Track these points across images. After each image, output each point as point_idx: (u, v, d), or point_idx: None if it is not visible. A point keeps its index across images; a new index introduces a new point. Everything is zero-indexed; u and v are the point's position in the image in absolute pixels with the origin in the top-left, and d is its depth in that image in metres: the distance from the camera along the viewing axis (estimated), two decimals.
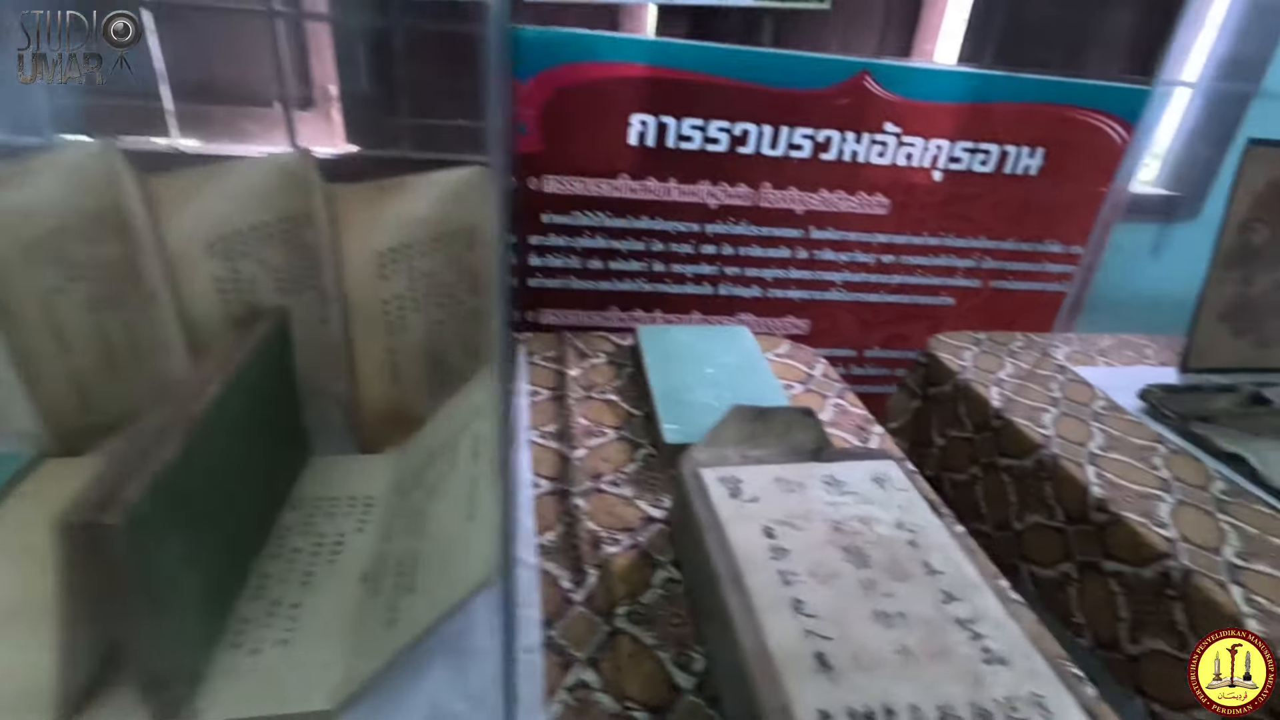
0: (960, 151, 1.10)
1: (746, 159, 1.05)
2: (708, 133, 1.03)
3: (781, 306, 1.18)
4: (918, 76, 1.04)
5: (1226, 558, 0.56)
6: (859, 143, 1.07)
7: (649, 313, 1.15)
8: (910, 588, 0.43)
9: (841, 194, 1.10)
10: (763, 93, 1.01)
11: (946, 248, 1.17)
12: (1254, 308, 0.90)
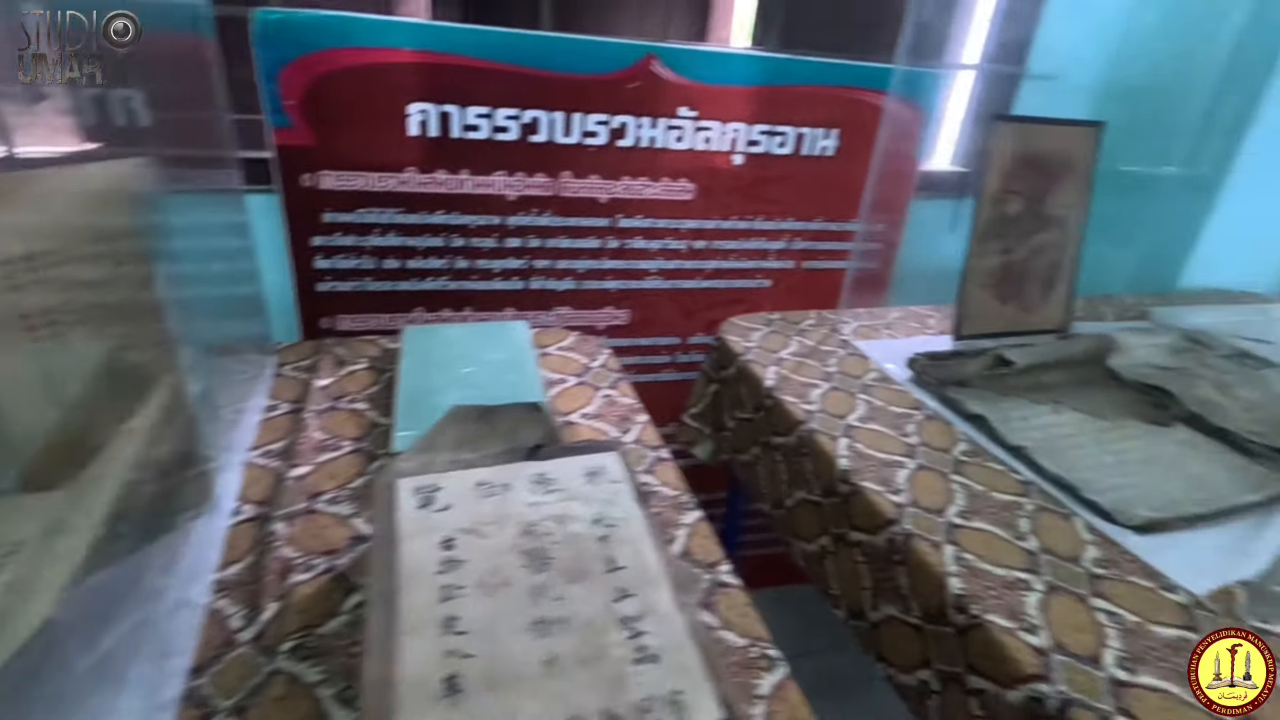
0: (758, 134, 1.11)
1: (541, 147, 1.02)
2: (495, 121, 0.98)
3: (599, 298, 1.16)
4: (707, 60, 1.04)
5: (948, 518, 0.58)
6: (655, 128, 1.06)
7: (459, 311, 1.10)
8: (584, 588, 0.41)
9: (645, 180, 1.09)
10: (548, 78, 0.98)
11: (757, 230, 1.19)
12: (1015, 275, 0.95)
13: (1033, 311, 0.99)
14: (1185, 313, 1.08)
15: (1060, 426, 0.73)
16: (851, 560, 0.62)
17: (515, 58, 0.95)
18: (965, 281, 0.92)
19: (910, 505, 0.59)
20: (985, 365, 0.79)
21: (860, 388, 0.79)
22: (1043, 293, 0.98)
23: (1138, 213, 1.29)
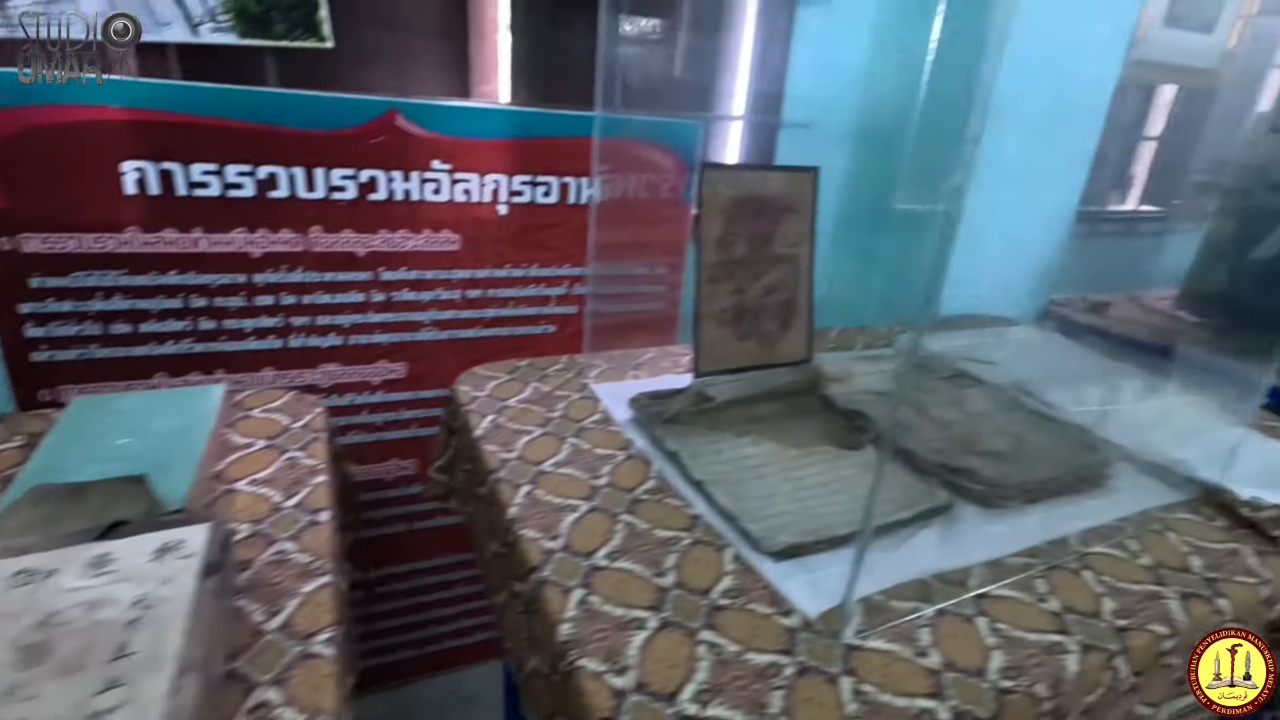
0: (520, 185, 1.13)
1: (284, 203, 1.00)
2: (226, 178, 0.96)
3: (370, 353, 1.13)
4: (455, 114, 1.05)
5: (594, 560, 0.58)
6: (408, 181, 1.06)
7: (210, 375, 1.04)
8: (70, 684, 0.38)
9: (405, 233, 1.08)
10: (283, 134, 0.97)
11: (534, 278, 1.20)
12: (751, 312, 1.00)
13: (774, 345, 1.03)
14: (928, 339, 1.16)
15: (752, 458, 0.75)
16: (515, 612, 0.61)
17: (244, 114, 0.93)
18: (700, 321, 0.95)
19: (561, 550, 0.59)
20: (690, 402, 0.81)
21: (575, 431, 0.79)
22: (781, 328, 1.03)
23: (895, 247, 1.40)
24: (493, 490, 0.68)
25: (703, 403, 0.81)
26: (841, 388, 0.93)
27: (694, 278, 0.93)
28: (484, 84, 1.18)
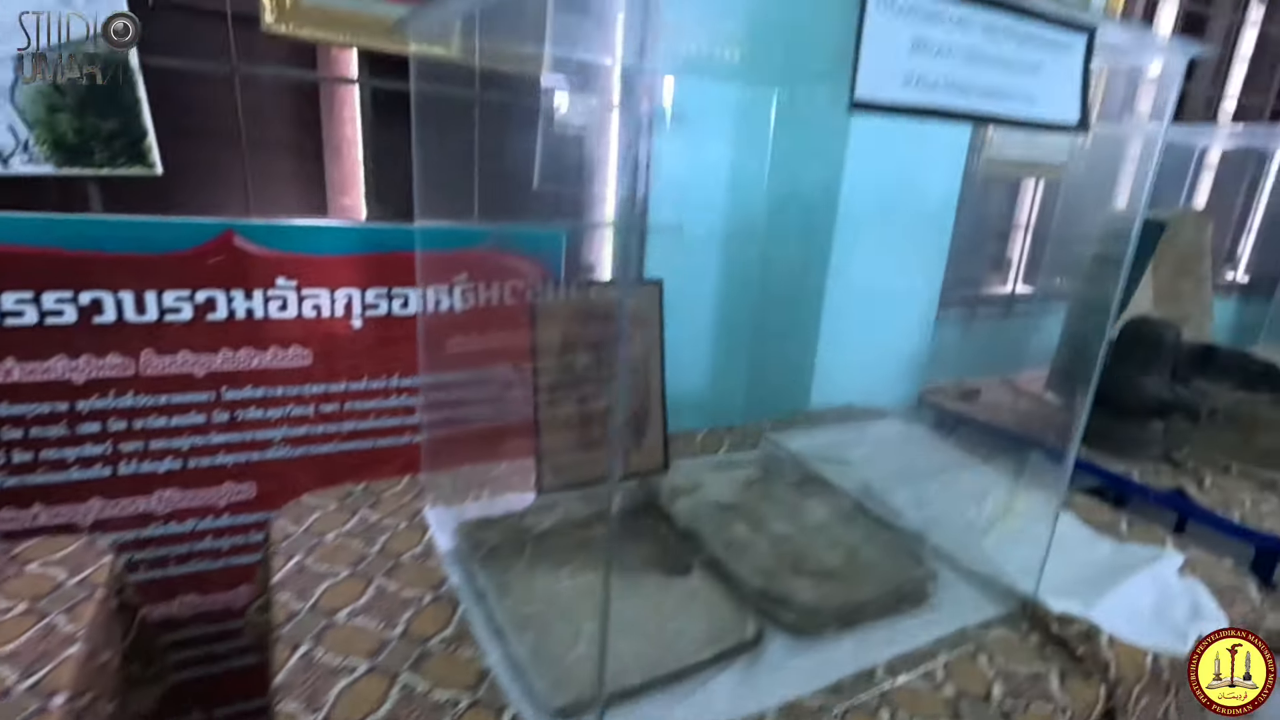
0: (374, 298, 1.12)
1: (111, 328, 0.96)
2: (43, 305, 0.92)
3: (214, 475, 1.08)
4: (302, 232, 1.05)
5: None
6: (250, 299, 1.04)
7: (27, 509, 0.97)
8: None
9: (250, 350, 1.05)
10: (110, 259, 0.94)
11: (394, 388, 1.17)
12: (598, 422, 0.99)
13: (628, 455, 1.02)
14: (790, 437, 1.16)
15: (567, 592, 0.72)
16: None
17: (60, 241, 0.91)
18: (541, 435, 0.94)
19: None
20: (511, 531, 0.79)
21: (389, 569, 0.76)
22: (635, 436, 1.03)
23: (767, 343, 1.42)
24: (271, 651, 0.64)
25: (525, 531, 0.78)
26: (687, 501, 0.92)
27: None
28: (343, 198, 1.19)
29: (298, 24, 0.95)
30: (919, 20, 0.40)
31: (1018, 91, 0.47)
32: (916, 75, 0.41)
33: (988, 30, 0.44)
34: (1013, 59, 0.46)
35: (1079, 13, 0.48)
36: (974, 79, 0.44)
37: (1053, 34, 0.47)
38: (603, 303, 0.98)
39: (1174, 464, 1.20)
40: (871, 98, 0.39)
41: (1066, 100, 0.49)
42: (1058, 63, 0.48)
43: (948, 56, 0.43)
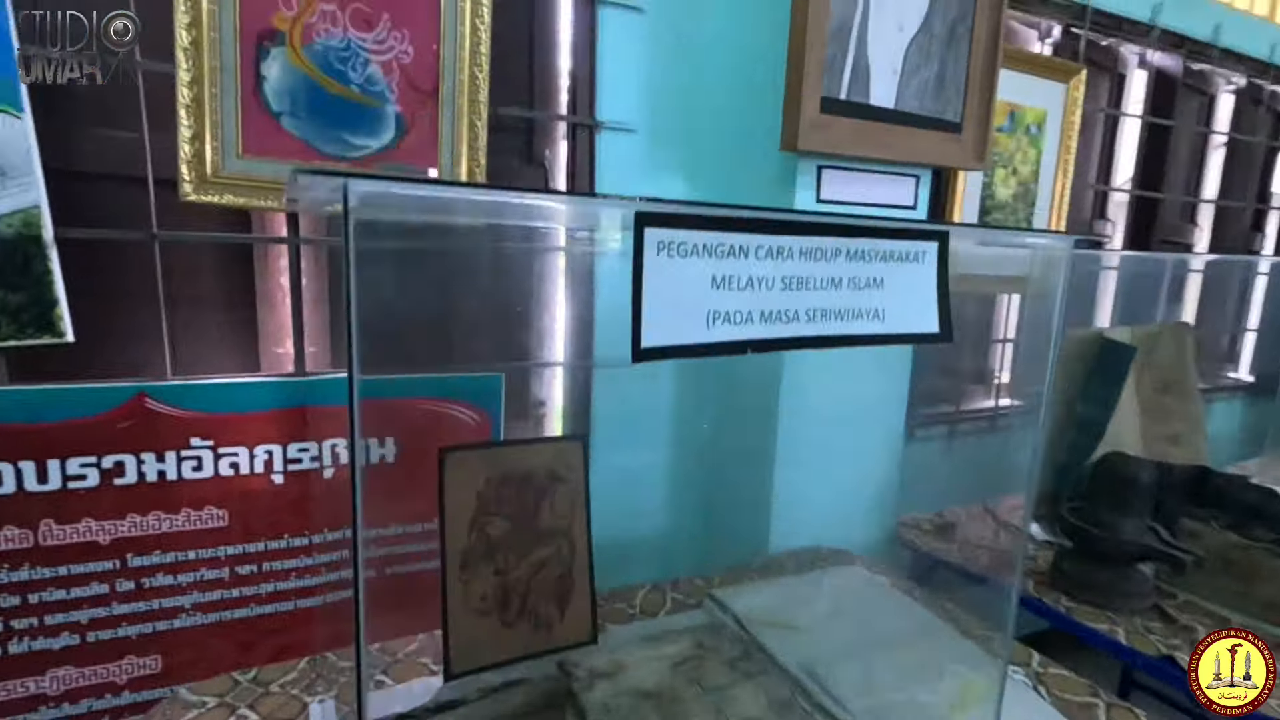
0: (296, 453, 1.08)
1: (8, 499, 0.92)
2: None
3: (115, 649, 1.01)
4: (219, 391, 1.02)
5: None
6: (162, 462, 1.00)
7: None
8: None
9: (160, 514, 1.01)
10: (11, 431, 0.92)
11: (318, 545, 1.11)
12: (519, 594, 0.92)
13: (550, 629, 0.94)
14: (737, 594, 1.07)
15: None
16: None
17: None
18: (449, 615, 0.87)
19: None
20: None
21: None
22: (560, 606, 0.95)
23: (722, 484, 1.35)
24: None
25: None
26: (607, 688, 0.83)
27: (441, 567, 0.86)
28: (275, 349, 1.17)
29: (218, 192, 0.96)
30: (716, 259, 0.37)
31: (864, 308, 0.43)
32: (724, 312, 0.38)
33: (810, 254, 0.40)
34: (853, 276, 0.42)
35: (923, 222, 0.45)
36: (801, 304, 0.40)
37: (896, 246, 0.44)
38: (523, 461, 0.93)
39: (1165, 618, 1.09)
40: (663, 343, 0.35)
41: (924, 310, 0.45)
42: (910, 273, 0.45)
43: (763, 288, 0.39)
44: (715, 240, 0.36)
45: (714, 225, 0.36)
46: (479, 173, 1.11)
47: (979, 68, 1.24)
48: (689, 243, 0.35)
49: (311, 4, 0.98)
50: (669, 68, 1.26)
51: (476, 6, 1.07)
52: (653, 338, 0.35)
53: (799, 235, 0.39)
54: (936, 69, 1.20)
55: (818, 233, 0.40)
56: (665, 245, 0.35)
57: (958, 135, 1.25)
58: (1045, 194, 1.77)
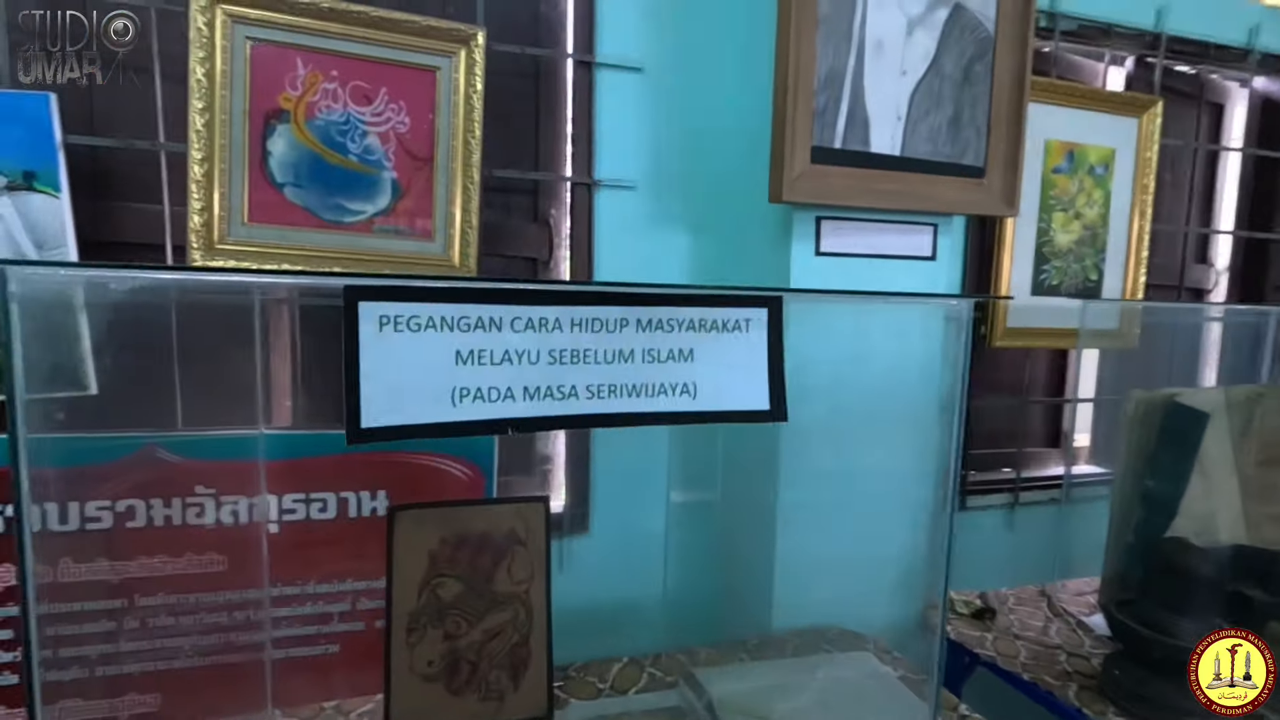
0: (291, 503, 1.12)
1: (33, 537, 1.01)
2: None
3: (117, 684, 1.07)
4: (223, 444, 1.09)
5: None
6: (169, 507, 1.07)
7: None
8: None
9: (164, 558, 1.07)
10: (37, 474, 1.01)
11: (310, 595, 1.14)
12: (468, 661, 0.89)
13: (502, 700, 0.90)
14: (719, 676, 0.99)
15: None
16: None
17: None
18: (394, 677, 0.85)
19: None
20: None
21: None
22: (513, 676, 0.91)
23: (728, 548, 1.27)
24: None
25: None
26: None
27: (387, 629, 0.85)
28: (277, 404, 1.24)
29: (223, 257, 1.04)
30: (460, 332, 0.34)
31: (667, 383, 0.39)
32: (474, 389, 0.35)
33: (585, 325, 0.37)
34: (650, 348, 0.38)
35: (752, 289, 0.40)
36: (579, 379, 0.37)
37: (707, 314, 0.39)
38: (481, 521, 0.91)
39: None
40: (391, 423, 0.33)
41: (750, 384, 0.40)
42: (731, 344, 0.40)
43: (525, 362, 0.36)
44: (457, 313, 0.34)
45: (452, 297, 0.33)
46: (470, 232, 1.14)
47: (1003, 107, 1.14)
48: (422, 315, 0.33)
49: (315, 83, 1.06)
50: (668, 123, 1.26)
51: (470, 76, 1.11)
52: (377, 417, 0.33)
53: (567, 305, 0.35)
54: (950, 111, 1.12)
55: (596, 302, 0.36)
56: (390, 319, 0.33)
57: (980, 180, 1.15)
58: (1118, 238, 1.59)
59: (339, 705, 0.94)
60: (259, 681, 1.11)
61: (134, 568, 1.06)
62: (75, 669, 1.05)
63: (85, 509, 1.03)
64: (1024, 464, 1.63)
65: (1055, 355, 1.73)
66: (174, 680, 1.08)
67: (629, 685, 1.00)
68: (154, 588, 1.07)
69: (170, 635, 1.08)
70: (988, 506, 1.57)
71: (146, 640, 1.07)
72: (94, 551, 1.04)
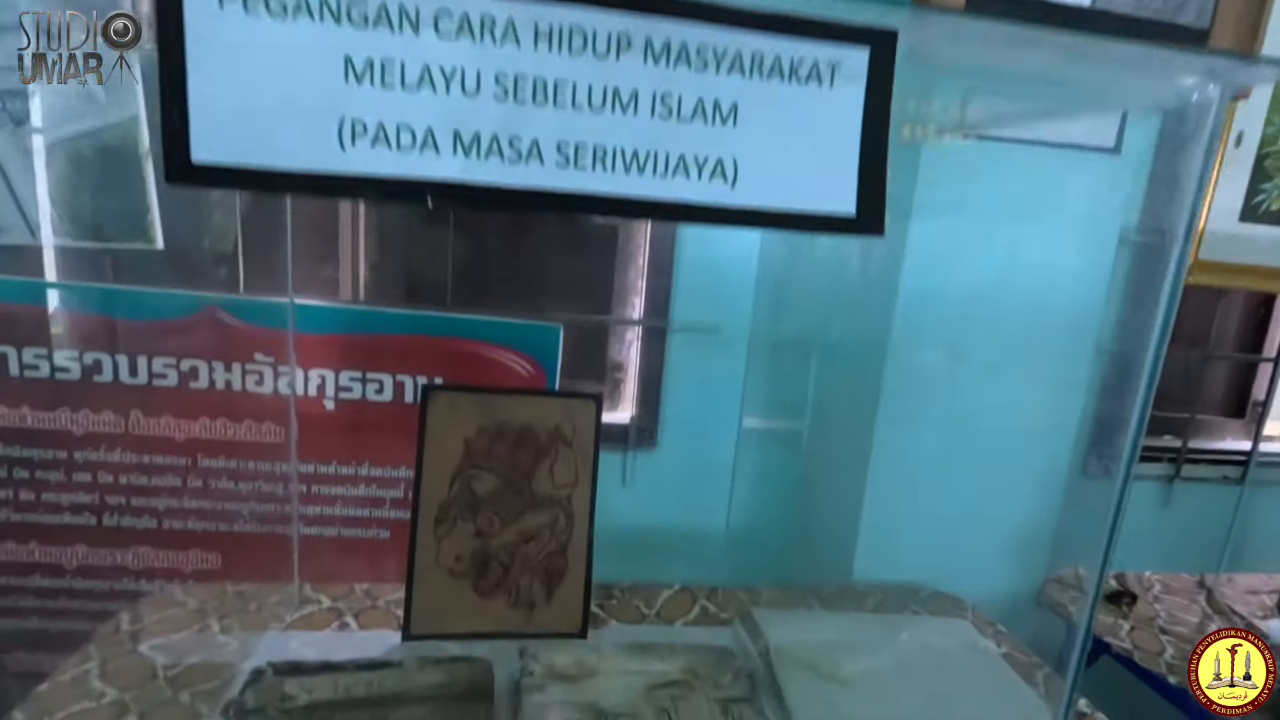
0: (349, 381, 1.08)
1: (107, 387, 1.03)
2: (55, 361, 1.01)
3: (183, 539, 1.09)
4: (283, 310, 1.05)
5: None
6: (230, 371, 1.05)
7: (24, 545, 1.06)
8: None
9: (226, 421, 1.06)
10: (111, 324, 1.01)
11: (364, 477, 1.11)
12: (499, 564, 0.81)
13: (534, 609, 0.82)
14: (782, 620, 0.86)
15: None
16: None
17: (72, 306, 1.00)
18: (415, 567, 0.78)
19: None
20: (274, 696, 0.63)
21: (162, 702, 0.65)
22: (547, 587, 0.82)
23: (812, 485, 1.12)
24: None
25: (284, 700, 0.63)
26: (556, 694, 0.69)
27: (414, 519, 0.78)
28: (345, 279, 1.19)
29: None
30: (353, 27, 0.21)
31: (690, 154, 0.24)
32: (371, 125, 0.22)
33: (563, 41, 0.23)
34: (666, 93, 0.24)
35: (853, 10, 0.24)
36: (548, 129, 0.23)
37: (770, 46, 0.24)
38: (524, 413, 0.81)
39: None
40: (238, 162, 0.21)
41: (827, 171, 0.24)
42: (801, 103, 0.24)
43: (461, 92, 0.22)
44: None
45: None
46: None
47: None
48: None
49: None
50: None
51: None
52: (214, 149, 0.21)
53: (538, 2, 0.21)
54: None
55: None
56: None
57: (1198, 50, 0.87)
58: None
59: (369, 589, 0.89)
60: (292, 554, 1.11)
61: (197, 428, 1.06)
62: (146, 518, 1.08)
63: (153, 365, 1.03)
64: (1194, 432, 1.34)
65: (1256, 302, 1.39)
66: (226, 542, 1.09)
67: (677, 615, 0.89)
68: (216, 450, 1.07)
69: (227, 499, 1.08)
70: (1139, 477, 1.30)
71: (208, 500, 1.08)
72: (161, 408, 1.05)
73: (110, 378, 1.03)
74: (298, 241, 1.16)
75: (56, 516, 1.06)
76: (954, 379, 0.99)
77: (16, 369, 1.00)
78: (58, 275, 1.01)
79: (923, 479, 1.01)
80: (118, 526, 1.07)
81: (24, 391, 1.01)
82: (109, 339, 1.02)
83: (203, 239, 1.11)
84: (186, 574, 1.10)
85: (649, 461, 1.18)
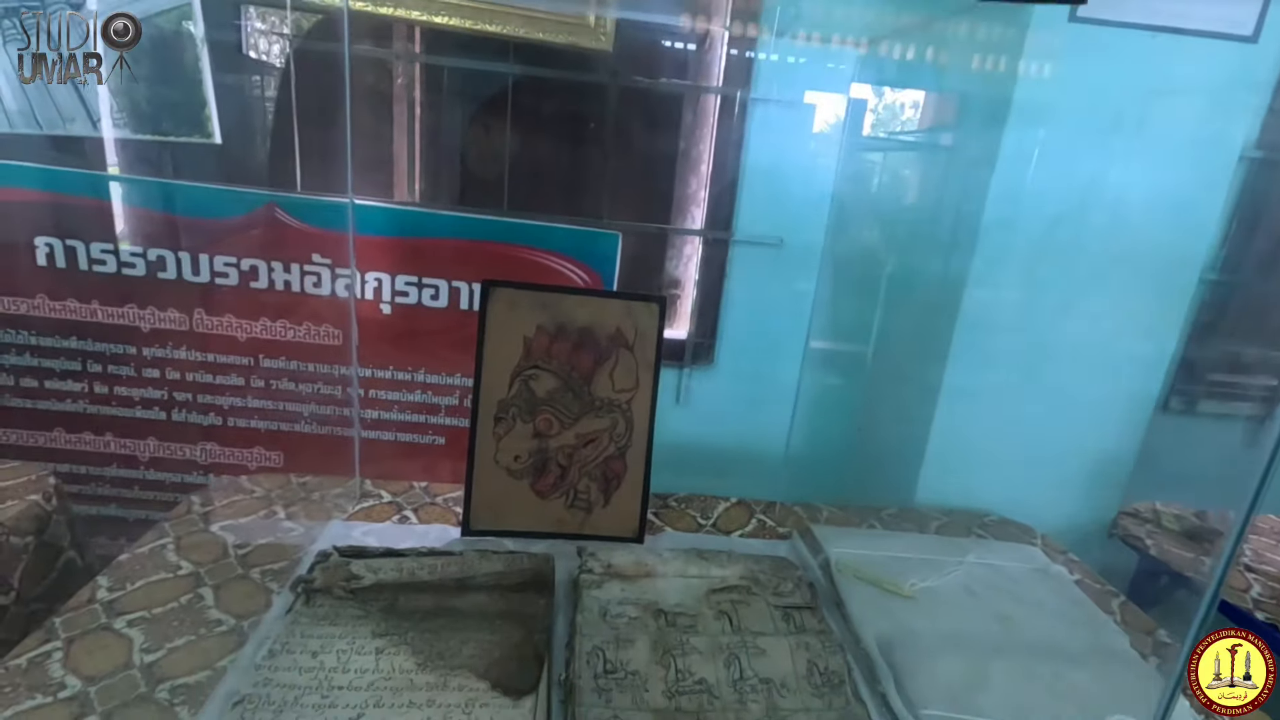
0: (405, 285, 1.06)
1: (171, 284, 1.04)
2: (121, 257, 1.02)
3: (247, 436, 1.12)
4: (340, 210, 1.03)
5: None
6: (289, 272, 1.05)
7: (100, 436, 1.10)
8: None
9: (286, 323, 1.07)
10: (172, 220, 1.01)
11: (420, 383, 1.11)
12: (557, 465, 0.80)
13: (590, 511, 0.81)
14: (844, 537, 0.84)
15: (353, 682, 0.56)
16: None
17: (134, 200, 1.00)
18: (477, 466, 0.78)
19: None
20: (340, 576, 0.64)
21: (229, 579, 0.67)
22: (605, 491, 0.81)
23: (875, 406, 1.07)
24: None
25: (351, 580, 0.63)
26: (614, 592, 0.69)
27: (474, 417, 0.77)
28: (401, 181, 1.16)
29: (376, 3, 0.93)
30: None
31: None
32: None
33: None
34: None
35: None
36: None
37: None
38: (585, 314, 0.79)
39: None
40: None
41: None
42: None
43: None
44: None
45: None
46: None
47: None
48: None
49: None
50: None
51: None
52: None
53: None
54: None
55: None
56: None
57: None
58: None
59: (428, 487, 0.90)
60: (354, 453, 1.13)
61: (258, 328, 1.07)
62: (212, 415, 1.10)
63: (214, 263, 1.03)
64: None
65: None
66: (288, 441, 1.12)
67: (734, 527, 0.88)
68: (276, 351, 1.08)
69: (288, 399, 1.10)
70: (1227, 415, 1.23)
71: (270, 400, 1.10)
72: (223, 307, 1.05)
73: (174, 274, 1.03)
74: (355, 141, 1.14)
75: (129, 410, 1.09)
76: (1034, 308, 0.92)
77: (85, 263, 1.02)
78: (120, 170, 1.01)
79: (994, 408, 0.96)
80: (185, 422, 1.10)
81: (93, 286, 1.03)
82: (170, 235, 1.02)
83: (259, 136, 1.09)
84: (252, 470, 1.13)
85: (705, 379, 1.16)
